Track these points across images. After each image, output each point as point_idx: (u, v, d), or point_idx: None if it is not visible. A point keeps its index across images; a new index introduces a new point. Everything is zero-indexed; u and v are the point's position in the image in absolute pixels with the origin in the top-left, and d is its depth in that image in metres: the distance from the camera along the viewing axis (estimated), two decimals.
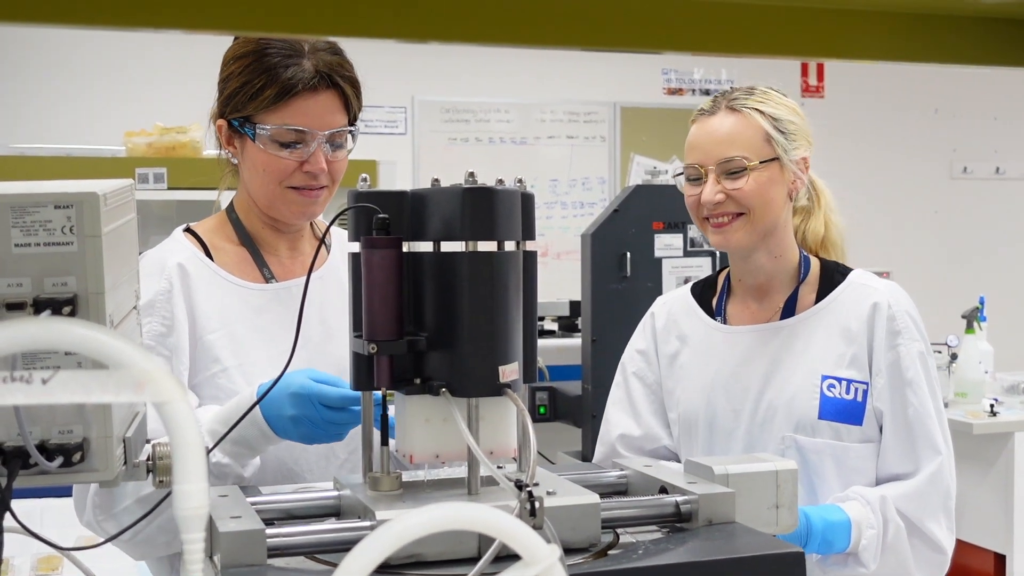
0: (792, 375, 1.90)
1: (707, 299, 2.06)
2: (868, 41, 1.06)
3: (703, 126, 1.94)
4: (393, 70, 6.35)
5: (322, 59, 1.76)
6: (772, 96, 1.95)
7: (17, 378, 0.75)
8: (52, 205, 1.02)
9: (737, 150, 1.89)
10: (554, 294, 5.39)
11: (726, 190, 1.89)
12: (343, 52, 1.82)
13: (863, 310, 1.90)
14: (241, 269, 1.83)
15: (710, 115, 1.94)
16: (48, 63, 5.70)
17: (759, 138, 1.90)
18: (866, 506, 1.79)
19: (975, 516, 4.52)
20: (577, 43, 0.97)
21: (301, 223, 1.86)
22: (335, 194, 1.86)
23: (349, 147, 1.83)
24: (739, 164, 1.88)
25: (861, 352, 1.89)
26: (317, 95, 1.75)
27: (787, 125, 1.93)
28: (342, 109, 1.80)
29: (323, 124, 1.76)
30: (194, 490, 0.80)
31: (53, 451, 1.02)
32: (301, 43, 1.76)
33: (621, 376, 2.09)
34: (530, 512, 1.08)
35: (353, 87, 1.81)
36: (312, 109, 1.75)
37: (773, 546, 1.20)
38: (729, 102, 1.93)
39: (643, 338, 2.08)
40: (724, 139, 1.90)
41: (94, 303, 1.03)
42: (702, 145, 1.93)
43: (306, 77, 1.74)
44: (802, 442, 1.87)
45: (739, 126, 1.91)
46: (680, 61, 6.95)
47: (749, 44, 1.03)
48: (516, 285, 1.22)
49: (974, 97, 7.38)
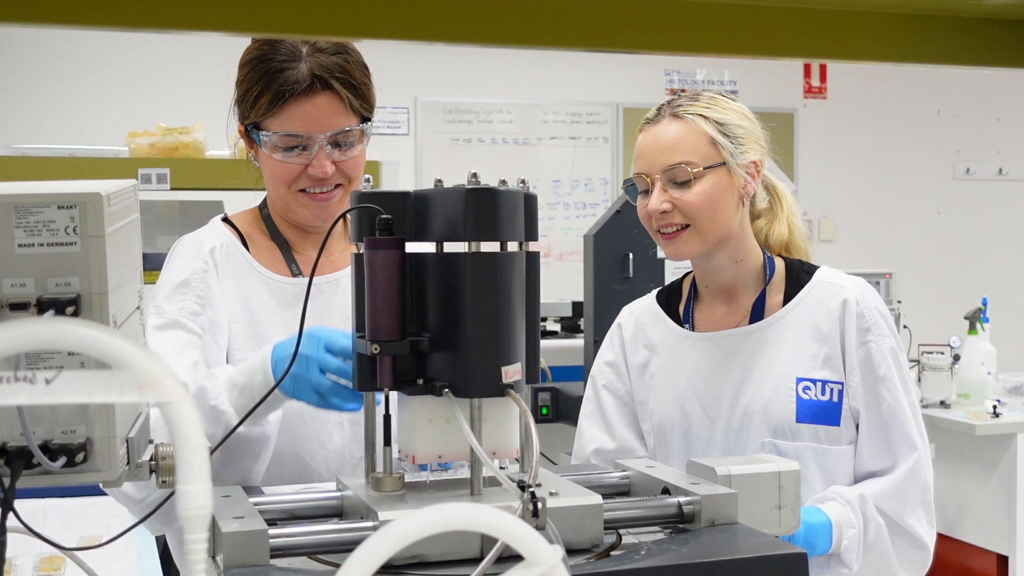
0: (766, 379, 1.89)
1: (673, 306, 2.04)
2: (871, 42, 1.06)
3: (648, 134, 1.92)
4: (396, 71, 6.35)
5: (318, 61, 1.75)
6: (718, 101, 1.93)
7: (20, 378, 0.75)
8: (56, 205, 1.02)
9: (681, 156, 1.86)
10: (556, 295, 5.40)
11: (672, 199, 1.86)
12: (349, 51, 1.80)
13: (832, 308, 1.89)
14: (272, 263, 1.85)
15: (654, 123, 1.91)
16: (51, 64, 5.71)
17: (704, 143, 1.87)
18: (845, 506, 1.79)
19: (978, 517, 4.52)
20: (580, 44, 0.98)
21: (318, 224, 1.86)
22: None
23: (361, 146, 1.82)
24: (683, 172, 1.85)
25: (834, 351, 1.88)
26: (313, 98, 1.75)
27: (734, 129, 1.90)
28: (345, 110, 1.77)
29: (322, 127, 1.75)
30: (197, 490, 0.80)
31: (56, 451, 1.02)
32: (301, 45, 1.75)
33: (591, 389, 2.07)
34: (533, 513, 1.08)
35: (352, 87, 1.78)
36: (309, 113, 1.75)
37: (776, 547, 1.20)
38: (673, 109, 1.90)
39: (611, 350, 2.06)
40: (668, 146, 1.88)
41: (97, 303, 1.03)
42: (647, 154, 1.90)
43: (300, 81, 1.74)
44: (781, 447, 1.86)
45: (682, 132, 1.88)
46: (682, 62, 6.95)
47: (752, 45, 1.03)
48: (519, 286, 1.22)
49: (977, 98, 7.38)
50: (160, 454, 1.16)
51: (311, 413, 1.71)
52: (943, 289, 6.79)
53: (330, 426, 1.77)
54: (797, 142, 7.15)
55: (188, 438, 0.79)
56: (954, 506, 4.49)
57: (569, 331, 5.32)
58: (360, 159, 1.83)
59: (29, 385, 0.75)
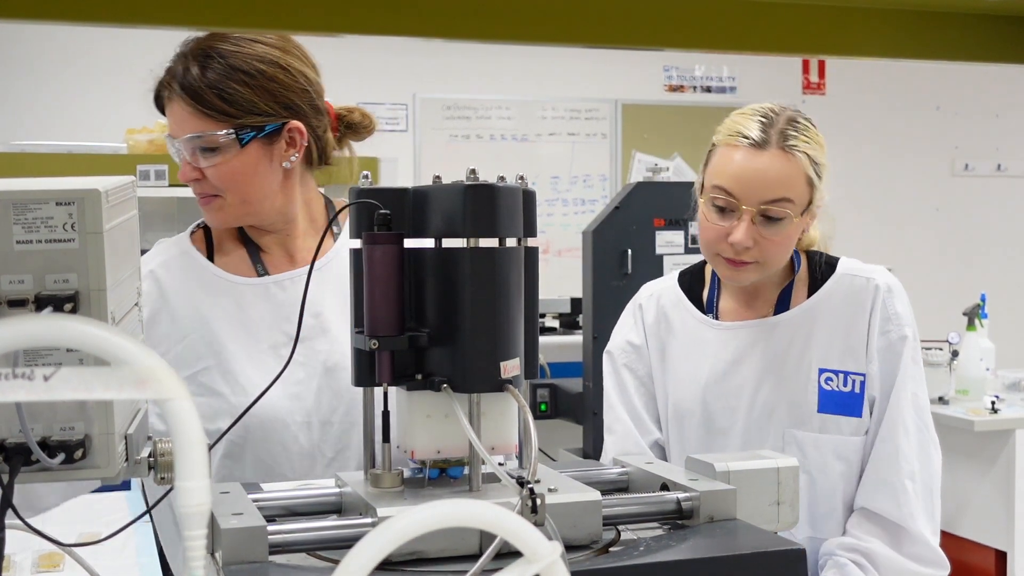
0: (789, 371, 1.90)
1: (696, 292, 2.03)
2: (869, 38, 1.06)
3: (751, 160, 1.81)
4: (394, 67, 6.35)
5: (174, 67, 1.74)
6: (812, 133, 1.87)
7: (19, 375, 0.75)
8: (54, 202, 1.02)
9: (782, 194, 1.80)
10: (555, 291, 5.40)
11: (758, 236, 1.81)
12: (223, 55, 1.72)
13: (858, 298, 1.90)
14: (238, 265, 1.83)
15: (761, 150, 1.81)
16: (50, 60, 5.70)
17: (803, 183, 1.82)
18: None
19: (976, 513, 4.52)
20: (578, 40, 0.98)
21: (216, 228, 1.84)
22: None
23: (228, 155, 1.72)
24: (780, 211, 1.80)
25: (858, 342, 1.88)
26: (171, 104, 1.75)
27: (823, 170, 1.86)
28: (198, 115, 1.71)
29: (177, 132, 1.74)
30: (196, 487, 0.80)
31: (55, 448, 1.02)
32: (188, 48, 1.74)
33: (611, 366, 2.06)
34: (532, 509, 1.08)
35: (195, 94, 1.70)
36: (170, 117, 1.75)
37: (774, 543, 1.20)
38: (783, 140, 1.82)
39: (633, 330, 2.05)
40: (773, 182, 1.80)
41: (96, 300, 1.03)
42: (747, 181, 1.80)
43: (159, 86, 1.76)
44: (801, 437, 1.87)
45: (789, 169, 1.81)
46: (681, 58, 6.95)
47: (750, 41, 1.03)
48: (517, 281, 1.22)
49: (976, 94, 7.38)
50: (159, 450, 1.16)
51: (271, 416, 1.70)
52: (942, 285, 6.79)
53: (294, 428, 1.74)
54: None
55: (187, 434, 0.79)
56: (952, 502, 4.49)
57: (568, 327, 5.32)
58: (231, 170, 1.73)
59: (27, 382, 0.75)
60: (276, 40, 1.76)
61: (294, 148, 1.77)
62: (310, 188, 1.87)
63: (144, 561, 2.43)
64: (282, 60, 1.75)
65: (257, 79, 1.72)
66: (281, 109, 1.74)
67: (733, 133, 1.85)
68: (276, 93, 1.74)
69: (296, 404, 1.74)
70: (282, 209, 1.81)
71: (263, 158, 1.74)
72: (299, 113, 1.76)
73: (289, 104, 1.75)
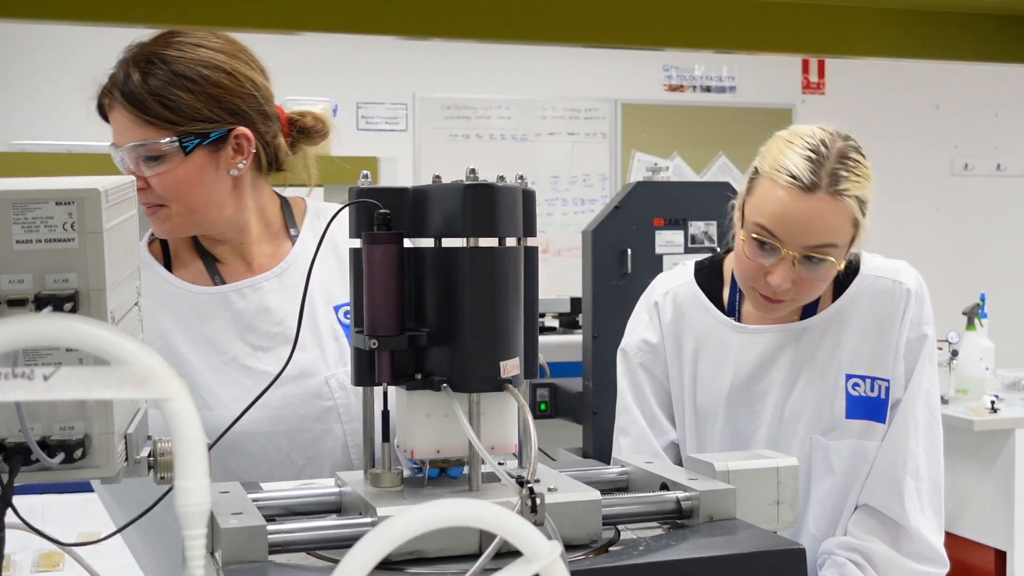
0: (817, 377, 1.87)
1: (715, 290, 1.97)
2: (869, 38, 1.07)
3: (797, 203, 1.73)
4: (394, 67, 6.36)
5: (116, 74, 1.69)
6: (862, 168, 1.78)
7: (19, 374, 0.75)
8: (53, 201, 1.02)
9: (827, 240, 1.74)
10: (555, 291, 5.40)
11: (799, 276, 1.76)
12: (166, 61, 1.67)
13: (888, 299, 1.87)
14: (195, 275, 1.79)
15: (809, 194, 1.73)
16: (49, 59, 5.70)
17: (848, 226, 1.76)
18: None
19: (976, 513, 4.52)
20: (578, 39, 0.98)
21: (168, 238, 1.80)
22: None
23: (171, 164, 1.67)
24: (822, 255, 1.75)
25: (886, 345, 1.86)
26: (113, 111, 1.70)
27: (868, 205, 1.79)
28: (140, 123, 1.66)
29: (120, 140, 1.69)
30: (196, 486, 0.80)
31: (55, 447, 1.02)
32: (130, 54, 1.70)
33: (625, 365, 2.01)
34: (531, 508, 1.08)
35: (137, 102, 1.66)
36: (113, 125, 1.71)
37: (774, 543, 1.20)
38: (832, 184, 1.73)
39: (649, 329, 1.98)
40: (819, 229, 1.74)
41: (95, 299, 1.03)
42: (793, 225, 1.74)
43: (101, 94, 1.72)
44: (828, 443, 1.86)
45: (836, 215, 1.74)
46: (681, 58, 6.95)
47: (750, 41, 1.03)
48: (517, 281, 1.22)
49: (975, 93, 7.38)
50: (158, 450, 1.16)
51: (237, 427, 1.65)
52: (941, 284, 6.76)
53: (262, 439, 1.71)
54: None
55: (186, 434, 0.79)
56: (952, 502, 4.49)
57: (567, 327, 5.33)
58: (176, 178, 1.68)
59: (27, 381, 0.75)
60: (222, 44, 1.71)
61: (242, 155, 1.72)
62: (263, 194, 1.82)
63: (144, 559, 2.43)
64: (227, 65, 1.70)
65: (201, 85, 1.67)
66: (226, 115, 1.69)
67: (780, 168, 1.76)
68: (221, 99, 1.69)
69: (262, 414, 1.65)
70: (232, 217, 1.76)
71: (209, 166, 1.69)
72: (246, 119, 1.71)
73: (235, 110, 1.70)
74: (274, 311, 1.76)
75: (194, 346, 1.73)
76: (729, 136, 7.05)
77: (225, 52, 1.71)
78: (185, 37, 1.69)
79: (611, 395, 3.94)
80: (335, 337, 1.78)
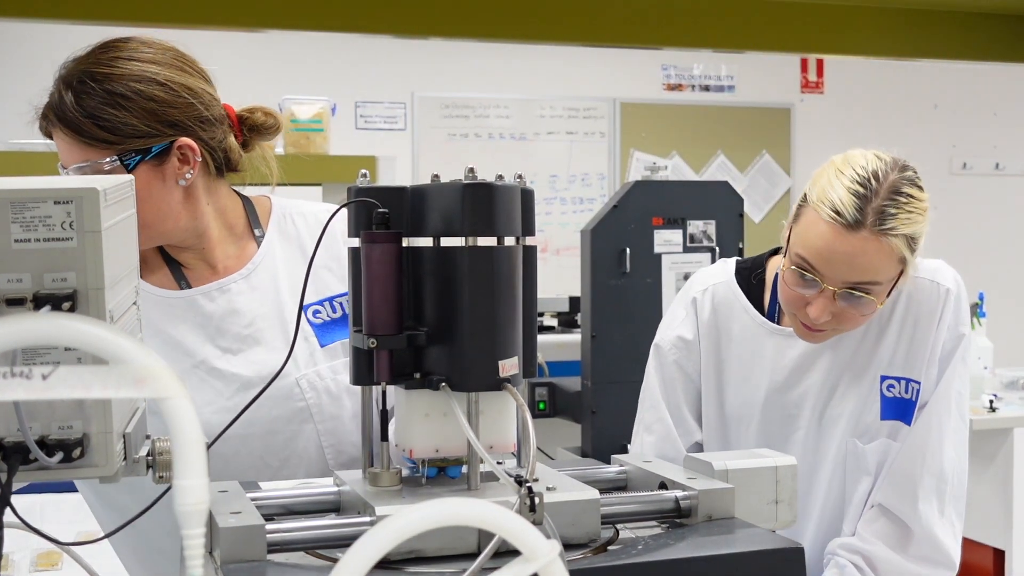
0: (855, 381, 1.86)
1: (756, 293, 1.94)
2: (868, 37, 1.07)
3: (840, 241, 1.69)
4: (393, 66, 6.35)
5: (52, 97, 1.68)
6: (915, 204, 1.73)
7: (17, 373, 0.75)
8: (52, 200, 1.02)
9: (870, 277, 1.71)
10: (554, 290, 5.40)
11: (839, 309, 1.73)
12: (89, 78, 1.65)
13: (925, 306, 1.85)
14: (161, 280, 1.77)
15: (853, 232, 1.68)
16: (48, 58, 5.69)
17: (894, 263, 1.72)
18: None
19: (974, 512, 4.51)
20: (577, 38, 0.98)
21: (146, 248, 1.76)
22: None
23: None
24: (866, 292, 1.71)
25: (921, 350, 1.84)
26: (55, 133, 1.68)
27: (920, 240, 1.74)
28: (80, 145, 1.65)
29: (65, 161, 1.68)
30: (194, 486, 0.80)
31: (53, 446, 1.02)
32: (63, 74, 1.68)
33: (657, 360, 1.97)
34: (530, 508, 1.08)
35: (73, 125, 1.64)
36: (57, 145, 1.70)
37: (773, 541, 1.20)
38: (878, 223, 1.68)
39: (685, 325, 1.95)
40: (860, 267, 1.70)
41: (94, 299, 1.03)
42: (833, 262, 1.70)
43: (41, 118, 1.71)
44: (864, 447, 1.85)
45: (881, 255, 1.69)
46: (680, 57, 6.95)
47: (749, 40, 1.03)
48: (515, 280, 1.22)
49: (974, 93, 7.39)
50: (157, 449, 1.16)
51: (206, 433, 1.63)
52: None
53: (234, 441, 1.66)
54: (794, 137, 7.15)
55: (185, 433, 0.79)
56: None
57: (566, 326, 5.33)
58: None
59: (26, 380, 0.75)
60: (155, 54, 1.68)
61: (188, 164, 1.68)
62: (221, 196, 1.79)
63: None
64: (160, 76, 1.66)
65: (135, 100, 1.64)
66: (165, 128, 1.66)
67: (825, 200, 1.71)
68: (157, 112, 1.65)
69: (231, 417, 1.58)
70: (189, 225, 1.73)
71: (155, 180, 1.67)
72: (186, 129, 1.68)
73: (173, 121, 1.67)
74: (243, 313, 1.75)
75: (162, 350, 1.70)
76: (728, 135, 7.05)
77: (158, 63, 1.68)
78: (118, 52, 1.67)
79: (610, 394, 3.95)
80: (304, 337, 1.77)
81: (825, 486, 1.88)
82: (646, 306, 3.96)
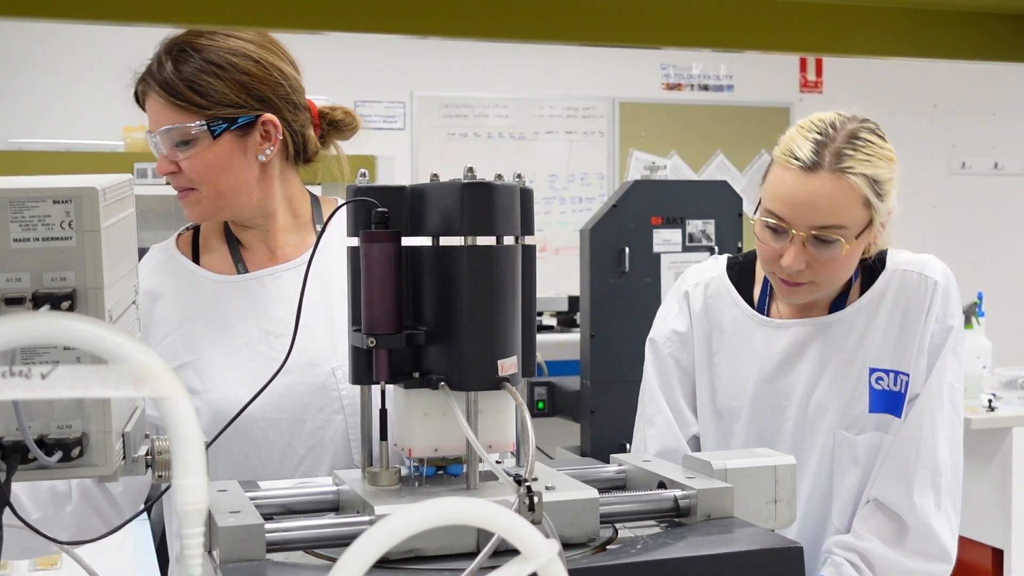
0: (843, 372, 1.87)
1: (746, 286, 1.98)
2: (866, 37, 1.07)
3: (801, 183, 1.75)
4: (392, 65, 6.35)
5: (151, 64, 1.76)
6: (875, 148, 1.79)
7: (16, 373, 0.75)
8: (51, 200, 1.02)
9: (834, 220, 1.75)
10: (553, 289, 5.40)
11: (812, 257, 1.77)
12: (197, 49, 1.73)
13: (912, 298, 1.87)
14: (220, 263, 1.84)
15: (811, 173, 1.75)
16: (48, 58, 5.69)
17: (859, 206, 1.77)
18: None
19: (973, 511, 4.52)
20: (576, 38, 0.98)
21: (198, 222, 1.86)
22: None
23: (200, 147, 1.72)
24: (832, 235, 1.75)
25: (910, 342, 1.85)
26: (148, 99, 1.76)
27: (885, 185, 1.79)
28: (171, 107, 1.73)
29: (154, 126, 1.75)
30: (193, 485, 0.80)
31: (52, 446, 1.02)
32: (164, 45, 1.76)
33: (654, 354, 2.00)
34: (529, 507, 1.08)
35: (168, 86, 1.72)
36: (148, 112, 1.77)
37: (772, 541, 1.20)
38: (836, 163, 1.74)
39: (679, 318, 1.99)
40: (823, 208, 1.74)
41: (93, 298, 1.03)
42: (797, 205, 1.75)
43: (138, 83, 1.78)
44: (852, 438, 1.85)
45: (841, 194, 1.74)
46: (679, 56, 6.95)
47: (748, 39, 1.03)
48: (515, 280, 1.22)
49: (973, 92, 7.38)
50: (156, 448, 1.16)
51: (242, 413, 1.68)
52: None
53: (264, 424, 1.73)
54: None
55: (184, 432, 0.79)
56: None
57: (565, 325, 5.33)
58: (205, 162, 1.74)
59: (25, 380, 0.75)
60: (253, 36, 1.76)
61: (269, 141, 1.77)
62: (292, 184, 1.86)
63: (141, 559, 2.43)
64: (255, 54, 1.75)
65: (229, 71, 1.73)
66: (254, 101, 1.74)
67: (786, 152, 1.78)
68: (248, 85, 1.74)
69: (267, 400, 1.64)
70: (260, 204, 1.80)
71: (236, 150, 1.74)
72: (273, 106, 1.76)
73: (262, 96, 1.75)
74: (292, 299, 1.77)
75: (209, 328, 1.77)
76: (727, 135, 7.05)
77: (255, 43, 1.77)
78: (217, 30, 1.75)
79: (609, 394, 3.95)
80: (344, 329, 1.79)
81: (811, 478, 1.89)
82: (645, 305, 3.94)
